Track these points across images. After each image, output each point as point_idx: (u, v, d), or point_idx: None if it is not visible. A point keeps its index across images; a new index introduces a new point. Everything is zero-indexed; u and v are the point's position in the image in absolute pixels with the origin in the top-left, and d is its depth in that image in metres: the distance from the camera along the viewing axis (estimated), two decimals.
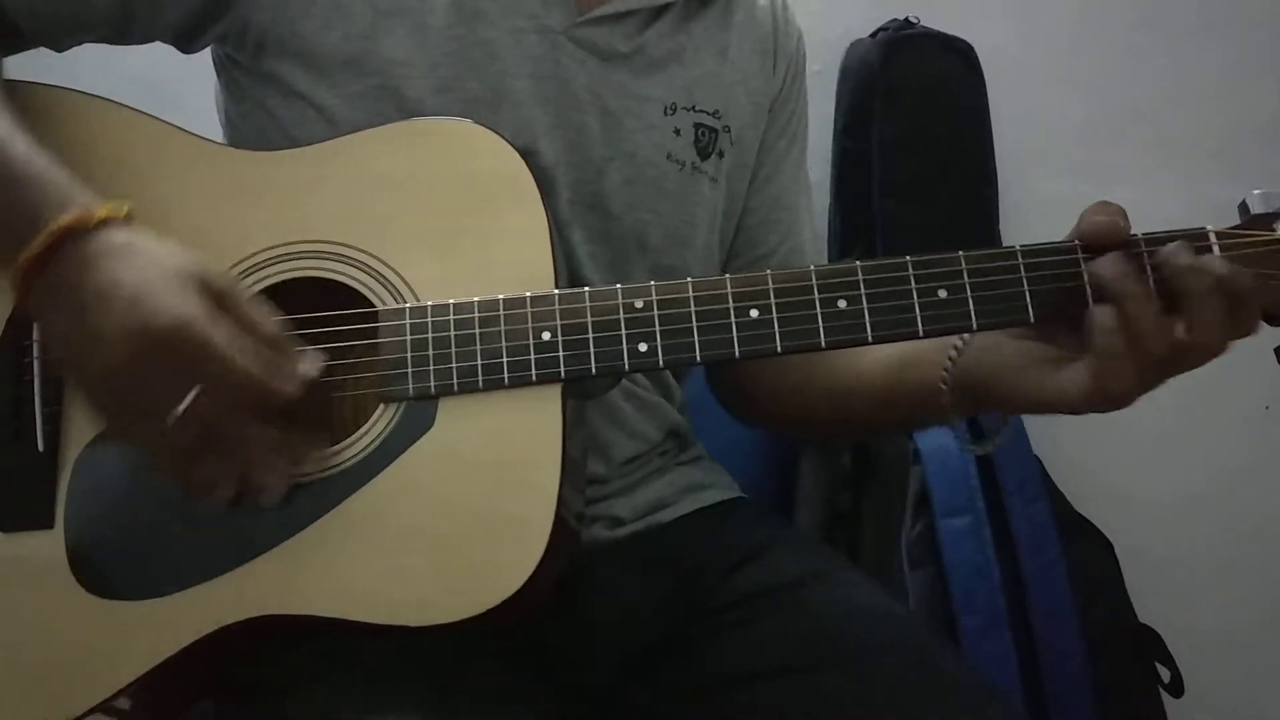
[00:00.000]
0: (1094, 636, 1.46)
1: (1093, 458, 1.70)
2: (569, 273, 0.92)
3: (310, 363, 0.82)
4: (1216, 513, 1.81)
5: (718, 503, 1.09)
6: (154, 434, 0.79)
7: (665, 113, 1.03)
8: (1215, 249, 0.83)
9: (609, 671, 0.99)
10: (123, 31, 0.98)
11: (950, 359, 0.90)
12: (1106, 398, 0.81)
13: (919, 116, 1.68)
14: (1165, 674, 1.53)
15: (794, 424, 1.21)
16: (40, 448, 0.86)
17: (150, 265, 0.78)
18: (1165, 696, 1.54)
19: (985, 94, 1.73)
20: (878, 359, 1.00)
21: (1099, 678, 1.45)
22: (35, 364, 0.87)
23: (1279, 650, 1.82)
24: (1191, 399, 1.80)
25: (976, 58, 1.72)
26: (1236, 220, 0.85)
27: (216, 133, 1.04)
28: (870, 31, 1.74)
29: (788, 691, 0.92)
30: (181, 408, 0.76)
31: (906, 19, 1.73)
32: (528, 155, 0.90)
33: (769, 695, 0.93)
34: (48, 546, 0.85)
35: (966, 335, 0.88)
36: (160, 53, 1.02)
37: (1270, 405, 1.82)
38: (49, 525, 0.86)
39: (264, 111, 0.98)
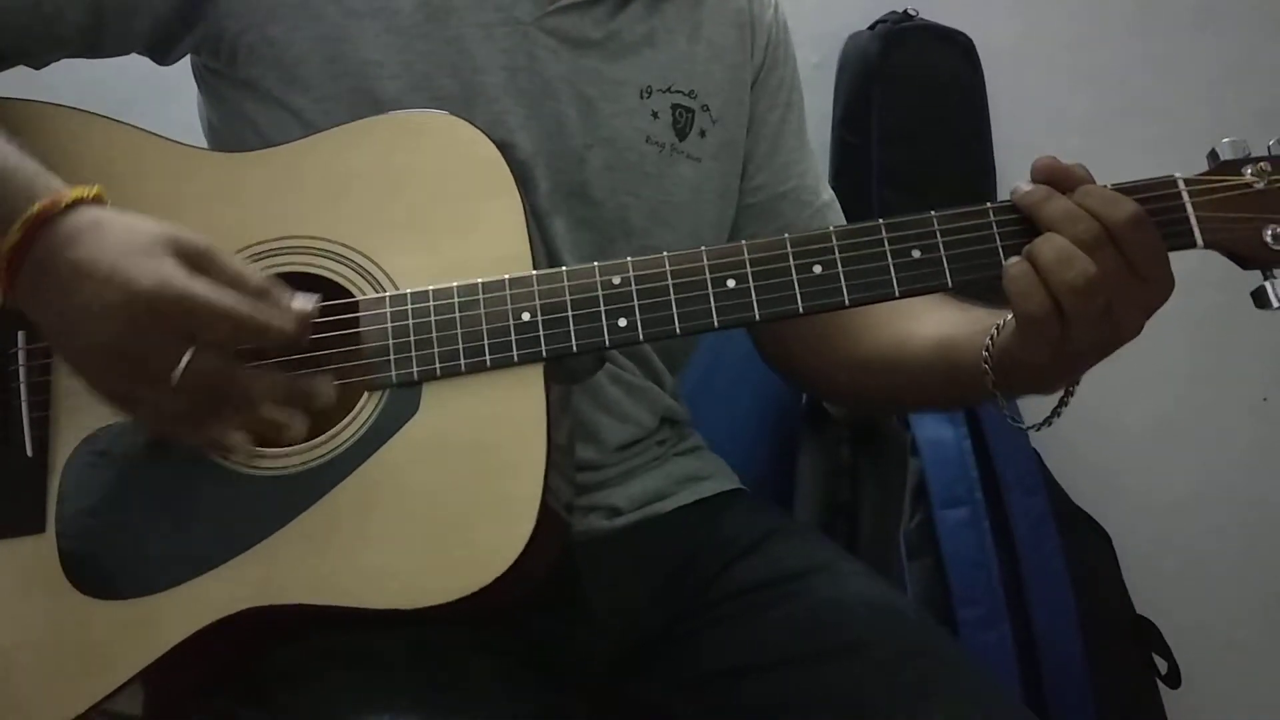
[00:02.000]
0: (1092, 628, 1.46)
1: (1091, 450, 1.70)
2: (551, 263, 0.92)
3: (303, 300, 0.81)
4: (1214, 504, 1.81)
5: (716, 494, 1.09)
6: (160, 402, 0.79)
7: (641, 96, 1.03)
8: (1184, 195, 0.84)
9: (607, 664, 0.99)
10: (96, 44, 0.99)
11: (991, 338, 0.89)
12: (1027, 319, 0.82)
13: (918, 108, 1.69)
14: (1163, 665, 1.53)
15: (842, 397, 1.25)
16: (28, 453, 0.87)
17: (123, 237, 0.79)
18: (1163, 688, 1.54)
19: (984, 86, 1.73)
20: (923, 340, 1.00)
21: (1097, 669, 1.45)
22: (20, 370, 0.88)
23: (1276, 641, 1.82)
24: (1190, 390, 1.81)
25: (975, 50, 1.72)
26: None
27: (200, 142, 1.04)
28: (869, 24, 1.74)
29: (788, 683, 0.92)
30: (180, 368, 0.77)
31: (905, 11, 1.73)
32: (504, 148, 0.90)
33: (769, 686, 0.93)
34: (40, 551, 0.85)
35: (1009, 316, 0.88)
36: (142, 64, 1.03)
37: (1269, 397, 1.83)
38: (40, 529, 0.86)
39: (243, 118, 0.98)
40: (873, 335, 1.04)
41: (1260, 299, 0.85)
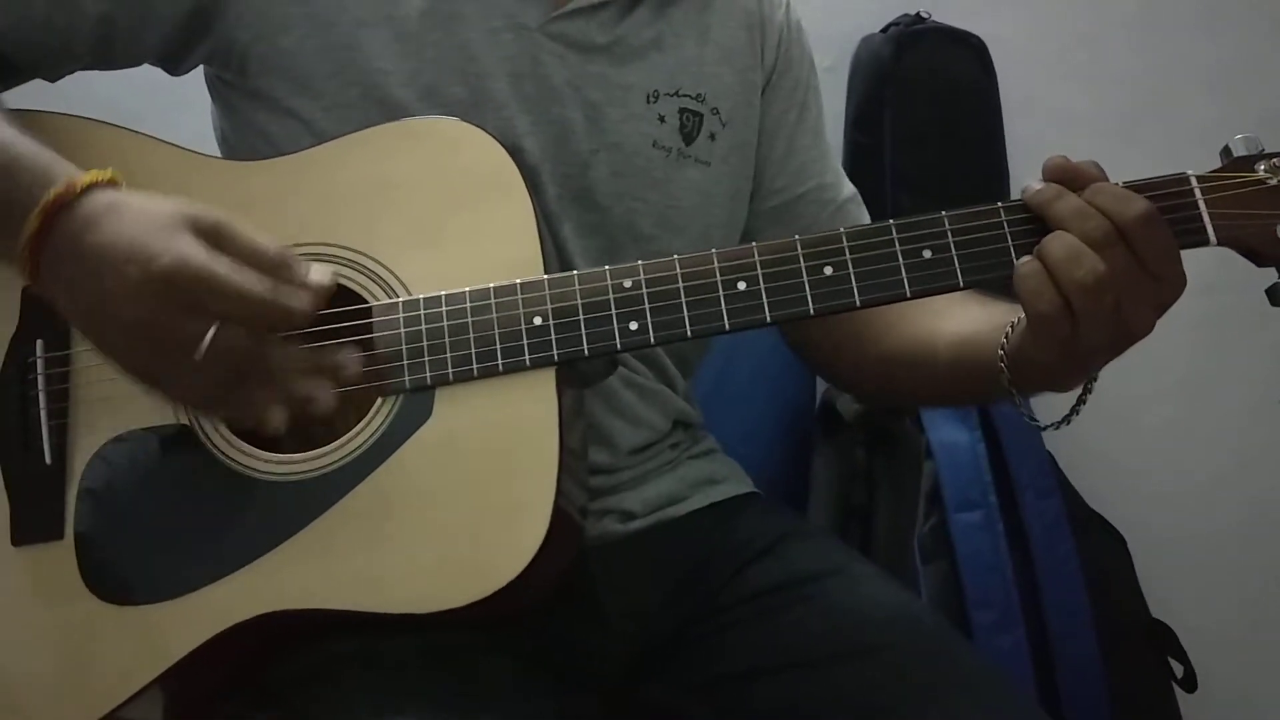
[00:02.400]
0: (1107, 632, 1.46)
1: (1106, 452, 1.70)
2: (562, 268, 0.92)
3: (320, 272, 0.82)
4: (1231, 508, 1.80)
5: (730, 498, 1.09)
6: (189, 377, 0.79)
7: (648, 100, 1.03)
8: (1197, 192, 0.84)
9: (620, 667, 0.99)
10: (108, 56, 0.99)
11: (1006, 336, 0.89)
12: (1038, 318, 0.81)
13: (930, 110, 1.68)
14: (1179, 669, 1.53)
15: (867, 392, 1.27)
16: (47, 460, 0.87)
17: (140, 217, 0.79)
18: (1179, 692, 1.54)
19: (997, 88, 1.73)
20: (945, 337, 0.99)
21: (1112, 673, 1.44)
22: (39, 378, 0.89)
23: None
24: (1205, 392, 1.80)
25: (988, 52, 1.72)
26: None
27: (213, 154, 1.04)
28: (881, 26, 1.74)
29: (801, 686, 0.92)
30: (204, 344, 0.77)
31: (918, 14, 1.73)
32: (512, 154, 0.90)
33: (782, 689, 0.93)
34: (59, 558, 0.86)
35: (1023, 315, 0.87)
36: (154, 76, 1.03)
37: None
38: (59, 536, 0.86)
39: (255, 128, 0.99)
40: (899, 332, 1.04)
41: (1275, 296, 0.85)
